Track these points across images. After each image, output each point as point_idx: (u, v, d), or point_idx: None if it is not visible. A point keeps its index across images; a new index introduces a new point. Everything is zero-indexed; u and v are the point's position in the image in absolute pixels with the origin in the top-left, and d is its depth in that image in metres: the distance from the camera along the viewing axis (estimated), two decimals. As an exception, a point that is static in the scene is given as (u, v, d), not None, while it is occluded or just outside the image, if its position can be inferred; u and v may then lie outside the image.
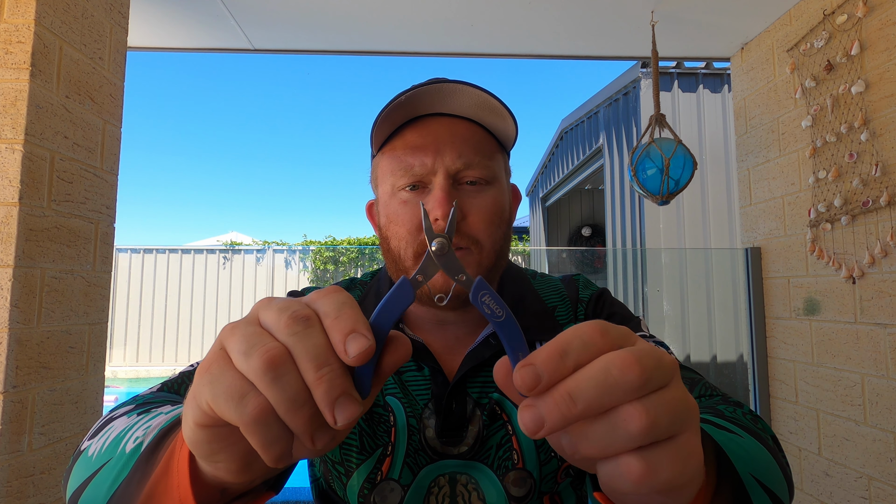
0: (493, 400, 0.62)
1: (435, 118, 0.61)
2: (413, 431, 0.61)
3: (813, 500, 1.78)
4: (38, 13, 1.17)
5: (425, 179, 0.59)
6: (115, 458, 0.38)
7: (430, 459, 0.60)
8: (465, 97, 0.59)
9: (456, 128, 0.61)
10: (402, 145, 0.60)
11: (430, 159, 0.59)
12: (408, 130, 0.61)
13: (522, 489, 0.59)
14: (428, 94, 0.59)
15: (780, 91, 1.92)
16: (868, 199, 1.52)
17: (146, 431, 0.38)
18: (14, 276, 1.11)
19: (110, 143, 1.40)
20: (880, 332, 1.51)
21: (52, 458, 1.21)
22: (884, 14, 1.50)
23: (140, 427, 0.39)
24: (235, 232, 9.81)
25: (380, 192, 0.64)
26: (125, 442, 0.39)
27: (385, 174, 0.62)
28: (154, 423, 0.38)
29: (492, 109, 0.61)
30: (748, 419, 0.50)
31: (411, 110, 0.60)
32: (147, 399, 0.50)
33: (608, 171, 4.66)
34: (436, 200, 0.57)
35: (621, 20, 1.90)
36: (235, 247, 7.61)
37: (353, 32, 1.99)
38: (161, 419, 0.38)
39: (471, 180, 0.60)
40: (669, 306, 2.76)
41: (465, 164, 0.59)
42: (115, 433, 0.41)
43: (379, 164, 0.64)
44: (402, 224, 0.60)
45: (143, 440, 0.36)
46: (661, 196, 1.86)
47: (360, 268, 7.41)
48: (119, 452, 0.38)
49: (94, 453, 0.41)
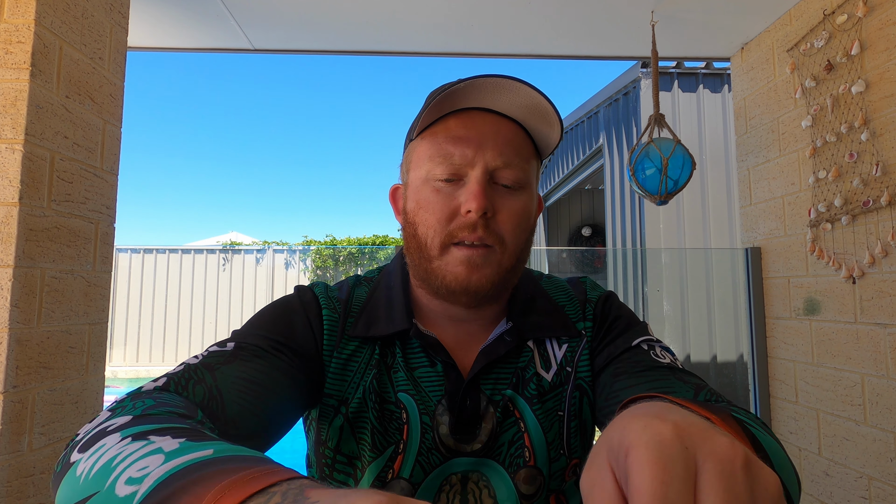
0: (506, 397, 0.62)
1: (480, 113, 0.61)
2: (426, 429, 0.60)
3: (813, 500, 1.78)
4: (38, 13, 1.17)
5: (462, 171, 0.59)
6: (102, 496, 0.34)
7: (442, 458, 0.60)
8: (517, 95, 0.58)
9: (500, 126, 0.60)
10: (445, 133, 0.60)
11: (471, 151, 0.58)
12: (452, 120, 0.60)
13: (532, 487, 0.59)
14: (479, 88, 0.58)
15: (780, 91, 1.92)
16: (868, 198, 1.52)
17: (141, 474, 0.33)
18: (14, 276, 1.11)
19: (110, 143, 1.40)
20: (880, 332, 1.51)
21: (52, 458, 1.21)
22: (884, 14, 1.50)
23: (134, 463, 0.34)
24: (235, 232, 9.81)
25: (412, 177, 0.63)
26: (115, 478, 0.34)
27: (422, 159, 0.61)
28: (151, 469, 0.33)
29: (541, 113, 0.60)
30: (759, 423, 0.50)
31: (458, 101, 0.60)
32: (148, 410, 0.44)
33: (608, 171, 4.66)
34: (471, 193, 0.57)
35: (621, 20, 1.90)
36: (235, 247, 7.62)
37: (353, 32, 1.99)
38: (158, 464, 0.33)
39: (506, 183, 0.60)
40: (669, 306, 2.76)
41: (505, 164, 0.59)
42: (105, 458, 0.37)
43: (416, 148, 0.63)
44: (432, 212, 0.59)
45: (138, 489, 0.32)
46: (660, 196, 1.86)
47: (361, 267, 7.41)
48: (107, 490, 0.34)
49: (82, 474, 0.37)
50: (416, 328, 0.63)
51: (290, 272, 7.44)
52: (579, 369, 0.65)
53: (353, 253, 7.45)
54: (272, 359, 0.57)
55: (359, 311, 0.66)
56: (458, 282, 0.58)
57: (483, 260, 0.58)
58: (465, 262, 0.58)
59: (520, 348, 0.65)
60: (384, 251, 8.11)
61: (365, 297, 0.67)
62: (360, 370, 0.63)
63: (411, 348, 0.64)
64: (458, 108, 0.61)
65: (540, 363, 0.64)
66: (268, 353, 0.57)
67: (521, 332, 0.64)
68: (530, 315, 0.66)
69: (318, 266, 7.48)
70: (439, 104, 0.59)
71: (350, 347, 0.63)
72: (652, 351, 0.61)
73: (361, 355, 0.63)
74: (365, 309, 0.66)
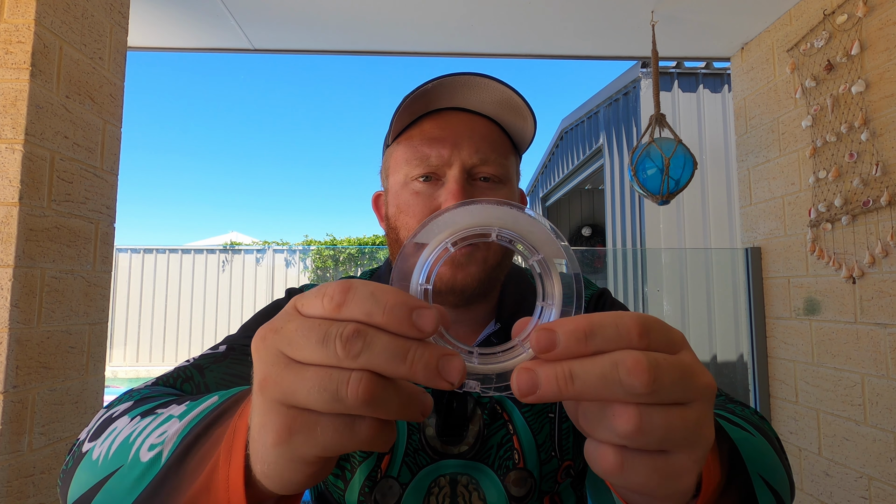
0: (494, 399, 0.62)
1: (454, 112, 0.61)
2: (413, 430, 0.60)
3: (813, 500, 1.78)
4: (38, 13, 1.17)
5: (440, 171, 0.59)
6: (128, 466, 0.36)
7: (430, 459, 0.60)
8: (488, 92, 0.59)
9: (474, 124, 0.61)
10: (420, 135, 0.60)
11: (446, 151, 0.59)
12: (426, 121, 0.61)
13: (523, 489, 0.59)
14: (449, 87, 0.58)
15: (780, 91, 1.92)
16: (868, 198, 1.52)
17: (162, 438, 0.35)
18: (14, 276, 1.11)
19: (110, 143, 1.40)
20: (880, 332, 1.51)
21: (52, 458, 1.21)
22: (884, 14, 1.50)
23: (152, 432, 0.37)
24: (235, 232, 9.80)
25: (391, 182, 0.64)
26: (137, 448, 0.36)
27: (399, 163, 0.62)
28: (170, 431, 0.35)
29: (513, 108, 0.60)
30: (756, 418, 0.50)
31: (431, 102, 0.60)
32: (144, 395, 0.47)
33: (608, 171, 4.66)
34: (450, 193, 0.58)
35: (621, 20, 1.90)
36: (235, 247, 7.61)
37: (354, 32, 1.99)
38: (175, 425, 0.36)
39: (484, 176, 0.60)
40: (669, 306, 2.76)
41: (482, 160, 0.59)
42: (121, 437, 0.39)
43: (393, 153, 0.63)
44: (412, 214, 0.59)
45: (163, 449, 0.34)
46: (661, 196, 1.86)
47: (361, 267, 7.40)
48: (132, 460, 0.36)
49: (100, 458, 0.38)
50: None
51: (290, 272, 7.44)
52: None
53: (353, 253, 7.45)
54: None
55: None
56: (444, 282, 0.58)
57: (467, 258, 0.58)
58: (448, 261, 0.58)
59: None
60: (384, 251, 8.11)
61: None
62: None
63: None
64: (431, 109, 0.61)
65: None
66: None
67: (509, 334, 0.64)
68: (520, 314, 0.66)
69: (318, 266, 7.49)
70: (410, 107, 0.59)
71: None
72: None
73: None
74: None
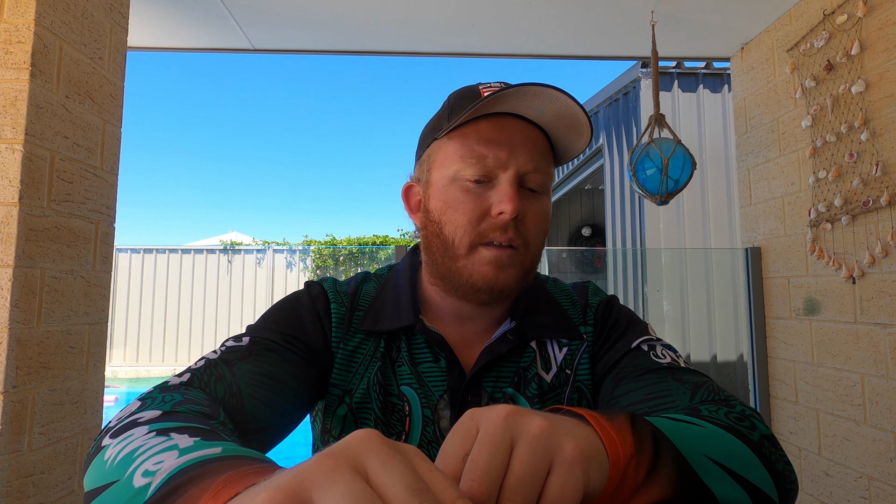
0: (508, 395, 0.64)
1: (510, 118, 0.62)
2: (427, 422, 0.62)
3: (813, 500, 1.78)
4: (38, 13, 1.17)
5: (493, 173, 0.60)
6: (123, 484, 0.36)
7: None
8: (550, 103, 0.59)
9: (529, 132, 0.62)
10: (476, 135, 0.61)
11: (504, 154, 0.59)
12: (482, 122, 0.61)
13: None
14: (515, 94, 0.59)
15: (780, 91, 1.92)
16: (868, 198, 1.52)
17: (157, 468, 0.35)
18: (14, 276, 1.11)
19: (110, 143, 1.40)
20: (880, 332, 1.51)
21: (52, 458, 1.21)
22: (884, 14, 1.50)
23: (153, 456, 0.37)
24: (236, 232, 9.81)
25: (436, 176, 0.63)
26: (134, 469, 0.37)
27: (451, 159, 0.62)
28: (165, 464, 0.35)
29: (572, 122, 0.61)
30: (730, 418, 0.49)
31: (490, 104, 0.60)
32: (176, 407, 0.46)
33: (608, 171, 4.66)
34: (505, 195, 0.58)
35: (621, 20, 1.90)
36: (236, 247, 7.62)
37: (354, 32, 1.99)
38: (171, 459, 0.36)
39: (532, 187, 0.61)
40: (669, 306, 2.76)
41: (535, 168, 0.61)
42: (130, 447, 0.39)
43: (442, 147, 0.63)
44: (462, 212, 0.60)
45: (152, 481, 0.34)
46: (661, 196, 1.86)
47: (360, 267, 7.41)
48: (126, 479, 0.36)
49: (109, 461, 0.39)
50: (423, 324, 0.65)
51: (290, 272, 7.44)
52: (579, 372, 0.66)
53: (353, 253, 7.46)
54: (285, 352, 0.60)
55: (367, 306, 0.68)
56: (486, 280, 0.60)
57: (510, 260, 0.60)
58: (493, 262, 0.60)
59: (522, 348, 0.66)
60: (384, 251, 8.11)
61: (374, 294, 0.70)
62: (364, 362, 0.65)
63: (416, 343, 0.66)
64: (491, 111, 0.62)
65: (541, 364, 0.66)
66: (280, 347, 0.60)
67: (524, 331, 0.66)
68: (533, 316, 0.68)
69: (318, 266, 7.48)
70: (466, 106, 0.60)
71: (356, 340, 0.66)
72: (652, 351, 0.62)
73: (367, 348, 0.66)
74: (373, 305, 0.68)
